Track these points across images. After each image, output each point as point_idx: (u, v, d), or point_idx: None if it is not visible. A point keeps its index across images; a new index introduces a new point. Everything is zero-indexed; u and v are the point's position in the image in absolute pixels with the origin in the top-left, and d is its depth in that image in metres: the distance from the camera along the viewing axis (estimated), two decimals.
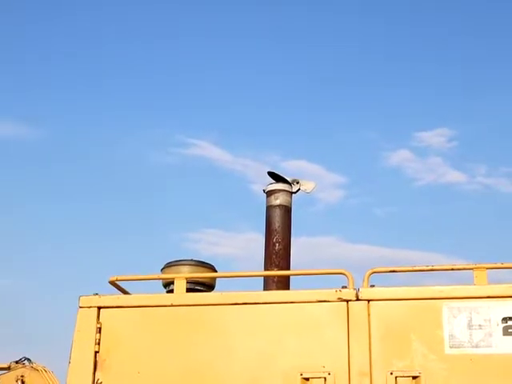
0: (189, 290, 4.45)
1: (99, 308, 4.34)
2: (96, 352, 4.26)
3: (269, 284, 5.22)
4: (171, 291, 4.46)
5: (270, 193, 5.57)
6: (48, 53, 20.02)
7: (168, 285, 4.68)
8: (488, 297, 4.03)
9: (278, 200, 5.52)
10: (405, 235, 18.78)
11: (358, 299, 4.10)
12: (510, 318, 3.98)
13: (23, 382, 6.06)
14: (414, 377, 3.94)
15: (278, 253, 5.40)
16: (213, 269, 4.91)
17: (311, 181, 5.72)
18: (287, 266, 5.39)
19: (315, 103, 20.25)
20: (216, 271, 4.92)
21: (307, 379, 4.00)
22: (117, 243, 18.22)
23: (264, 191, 5.63)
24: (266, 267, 5.39)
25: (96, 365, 4.24)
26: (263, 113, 20.43)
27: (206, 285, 4.77)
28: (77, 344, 4.29)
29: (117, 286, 4.55)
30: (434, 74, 19.99)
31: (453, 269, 4.23)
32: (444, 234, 18.63)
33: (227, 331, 4.18)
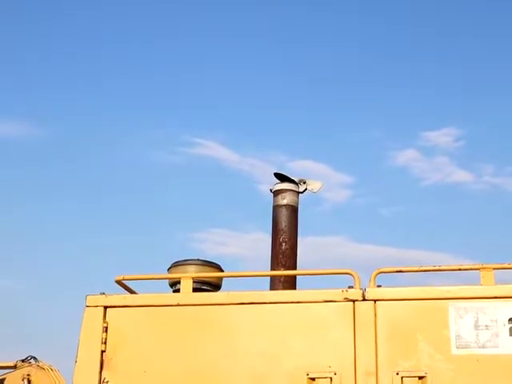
0: (195, 290, 4.45)
1: (106, 307, 4.34)
2: (102, 351, 4.26)
3: (275, 284, 5.22)
4: (178, 291, 4.47)
5: (277, 192, 5.57)
6: (48, 53, 19.97)
7: (174, 284, 4.69)
8: (495, 297, 4.02)
9: (285, 200, 5.52)
10: (411, 235, 18.73)
11: (365, 299, 4.09)
12: None
13: (29, 381, 6.04)
14: (420, 377, 3.93)
15: (285, 252, 5.40)
16: (219, 268, 4.91)
17: (318, 180, 5.72)
18: (294, 266, 5.39)
19: (317, 103, 20.20)
20: (222, 271, 4.93)
21: (313, 379, 4.00)
22: (122, 243, 18.19)
23: (271, 191, 5.63)
24: (273, 267, 5.39)
25: (102, 364, 4.25)
26: (266, 113, 20.37)
27: (213, 284, 4.78)
28: (83, 343, 4.30)
29: (123, 286, 4.56)
30: (435, 74, 19.93)
31: (460, 269, 4.23)
32: (451, 234, 18.57)
33: (233, 331, 4.18)
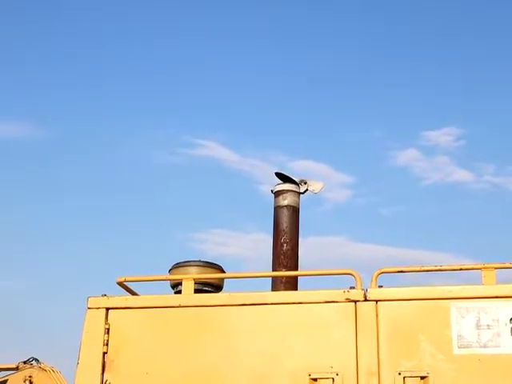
0: (197, 291, 4.45)
1: (107, 309, 4.34)
2: (104, 353, 4.26)
3: (277, 284, 5.22)
4: (179, 292, 4.46)
5: (278, 193, 5.57)
6: (48, 53, 20.03)
7: (176, 286, 4.68)
8: (496, 297, 4.02)
9: (286, 200, 5.52)
10: (412, 235, 18.75)
11: (366, 300, 4.09)
12: None
13: (31, 383, 6.05)
14: (422, 377, 3.93)
15: (286, 253, 5.40)
16: (221, 270, 4.91)
17: (319, 181, 5.72)
18: (295, 267, 5.39)
19: (317, 103, 20.25)
20: (224, 272, 4.93)
21: (315, 380, 4.00)
22: (122, 243, 18.22)
23: (272, 192, 5.63)
24: (274, 268, 5.39)
25: (104, 366, 4.25)
26: (266, 113, 20.42)
27: (214, 286, 4.78)
28: (85, 345, 4.30)
29: (124, 287, 4.56)
30: (435, 74, 19.95)
31: (461, 269, 4.23)
32: (451, 234, 18.60)
33: (235, 332, 4.18)
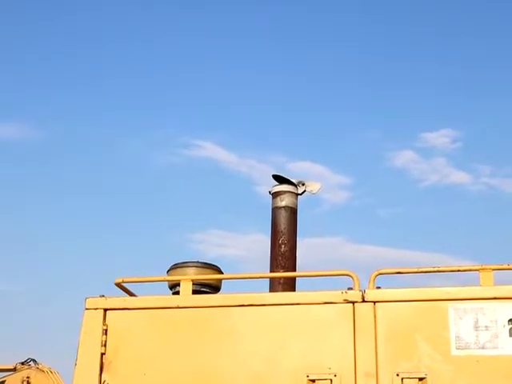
0: (195, 292, 4.45)
1: (105, 310, 4.34)
2: (102, 354, 4.26)
3: (275, 285, 5.22)
4: (177, 293, 4.46)
5: (276, 194, 5.57)
6: (48, 53, 20.05)
7: (174, 287, 4.68)
8: (494, 298, 4.02)
9: (284, 201, 5.52)
10: (410, 236, 18.77)
11: (364, 301, 4.09)
12: None
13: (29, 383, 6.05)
14: (421, 378, 3.93)
15: (284, 254, 5.40)
16: (219, 270, 4.91)
17: (317, 182, 5.72)
18: (293, 268, 5.38)
19: (316, 104, 20.27)
20: (222, 273, 4.93)
21: (313, 381, 4.00)
22: (120, 243, 18.23)
23: (270, 193, 5.63)
24: (272, 269, 5.39)
25: (102, 367, 4.25)
26: (265, 114, 20.43)
27: (212, 286, 4.78)
28: (83, 346, 4.29)
29: (123, 288, 4.55)
30: (435, 74, 19.98)
31: (459, 270, 4.22)
32: (449, 235, 18.62)
33: (233, 333, 4.18)
